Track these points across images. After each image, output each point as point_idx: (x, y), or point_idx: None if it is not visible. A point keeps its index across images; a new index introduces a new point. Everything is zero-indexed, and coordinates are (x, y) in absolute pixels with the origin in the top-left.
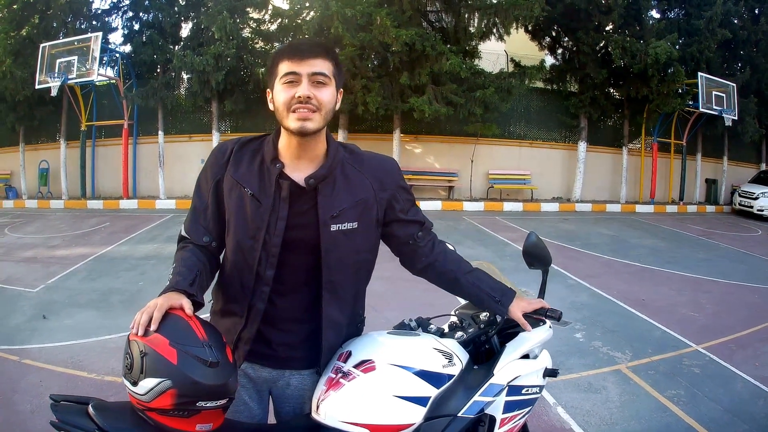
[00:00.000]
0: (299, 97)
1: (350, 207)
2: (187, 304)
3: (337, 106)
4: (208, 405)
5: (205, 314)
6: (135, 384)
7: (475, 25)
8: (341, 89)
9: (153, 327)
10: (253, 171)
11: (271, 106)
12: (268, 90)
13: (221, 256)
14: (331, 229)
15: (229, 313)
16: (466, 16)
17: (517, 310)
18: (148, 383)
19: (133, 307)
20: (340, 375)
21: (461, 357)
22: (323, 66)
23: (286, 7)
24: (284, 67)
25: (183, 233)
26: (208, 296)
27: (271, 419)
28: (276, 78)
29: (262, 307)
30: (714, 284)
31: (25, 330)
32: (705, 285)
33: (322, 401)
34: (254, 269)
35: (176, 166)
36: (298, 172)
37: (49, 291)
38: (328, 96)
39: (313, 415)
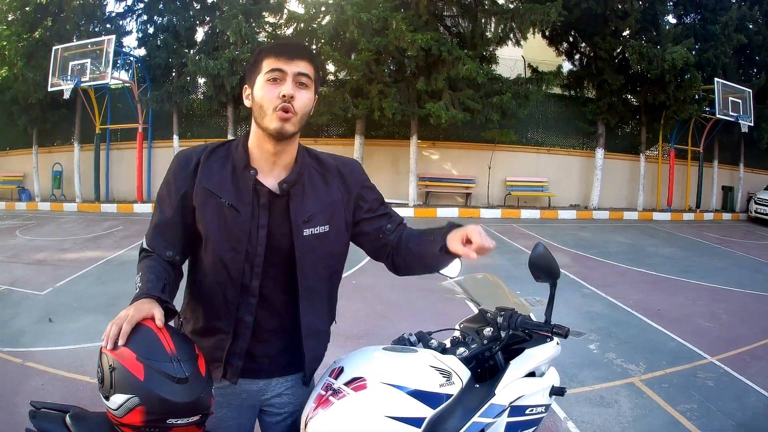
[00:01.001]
0: (284, 96)
1: (320, 211)
2: (158, 314)
3: (311, 112)
4: (179, 422)
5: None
6: (107, 398)
7: (492, 30)
8: (316, 95)
9: (121, 341)
10: (226, 179)
11: (247, 103)
12: (246, 86)
13: (193, 271)
14: (305, 234)
15: (212, 330)
16: (483, 21)
17: (453, 241)
18: (118, 399)
19: None
20: (330, 392)
21: (461, 375)
22: (307, 68)
23: (301, 11)
24: (270, 63)
25: (145, 246)
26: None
27: None
28: (259, 74)
29: (251, 320)
30: (730, 294)
31: (30, 333)
32: (721, 294)
33: (310, 419)
34: (239, 282)
35: None
36: (271, 178)
37: (57, 294)
38: (307, 100)
39: None
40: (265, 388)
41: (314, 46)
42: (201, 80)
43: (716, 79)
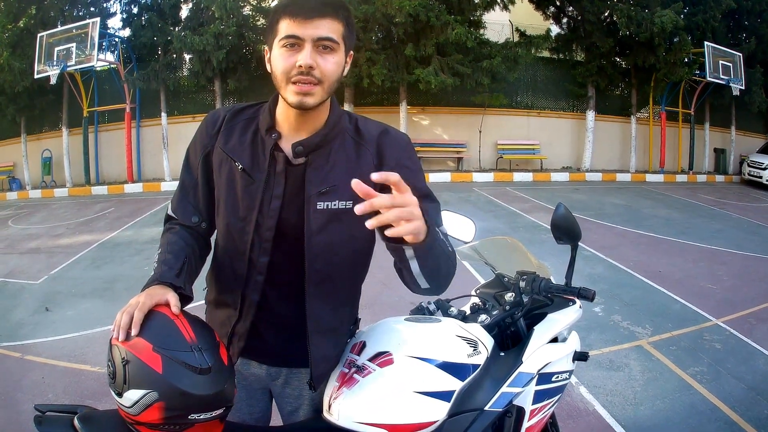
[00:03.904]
0: (300, 66)
1: (345, 183)
2: (173, 300)
3: (346, 71)
4: (201, 417)
5: (199, 301)
6: (120, 395)
7: None
8: (351, 52)
9: (134, 331)
10: (246, 142)
11: (268, 67)
12: (266, 48)
13: (213, 239)
14: (317, 207)
15: (223, 304)
16: None
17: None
18: (133, 395)
19: (138, 293)
20: (353, 369)
21: (486, 343)
22: (331, 28)
23: None
24: (285, 27)
25: (170, 212)
26: (201, 284)
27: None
28: (275, 38)
29: (257, 299)
30: (729, 255)
31: (28, 324)
32: (720, 256)
33: (334, 399)
34: (247, 255)
35: (180, 147)
36: (292, 143)
37: (52, 282)
38: (334, 66)
39: (325, 414)
40: (274, 376)
41: None
42: (187, 57)
43: (706, 43)
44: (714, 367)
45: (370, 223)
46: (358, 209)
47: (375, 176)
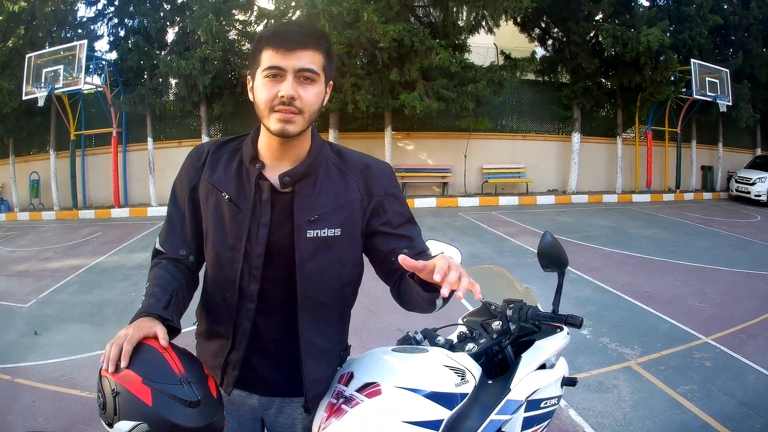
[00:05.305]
0: (282, 96)
1: (333, 211)
2: (161, 333)
3: (326, 101)
4: None
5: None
6: (110, 425)
7: (464, 18)
8: (331, 82)
9: (123, 363)
10: (231, 173)
11: (251, 96)
12: (249, 77)
13: (202, 273)
14: (307, 236)
15: (215, 334)
16: (454, 9)
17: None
18: (123, 426)
19: (126, 319)
20: (341, 400)
21: (474, 372)
22: (312, 60)
23: (271, 7)
24: (267, 57)
25: (158, 246)
26: (191, 318)
27: None
28: (258, 68)
29: (249, 327)
30: (718, 273)
31: (18, 347)
32: (709, 274)
33: (323, 430)
34: (237, 284)
35: (167, 172)
36: (277, 172)
37: (41, 305)
38: (314, 96)
39: None
40: (267, 405)
41: None
42: (173, 81)
43: (693, 60)
44: (704, 385)
45: (458, 294)
46: (457, 293)
47: (402, 260)
